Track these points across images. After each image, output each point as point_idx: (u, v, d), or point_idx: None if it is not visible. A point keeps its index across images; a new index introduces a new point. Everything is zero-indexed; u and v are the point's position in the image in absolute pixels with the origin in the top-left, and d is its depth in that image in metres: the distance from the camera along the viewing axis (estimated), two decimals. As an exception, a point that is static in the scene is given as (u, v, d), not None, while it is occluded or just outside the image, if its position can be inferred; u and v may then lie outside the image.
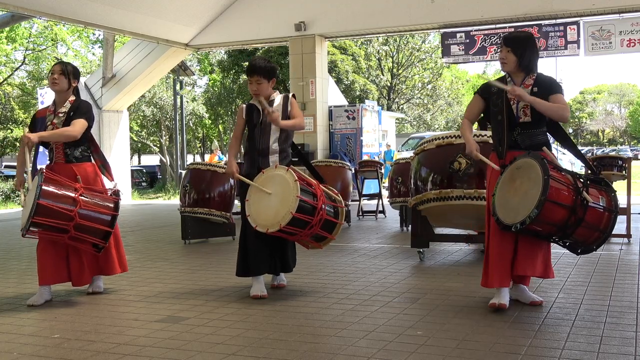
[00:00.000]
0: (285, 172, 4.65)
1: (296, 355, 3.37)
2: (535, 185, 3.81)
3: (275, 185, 4.63)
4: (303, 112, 15.17)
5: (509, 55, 4.24)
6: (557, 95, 4.19)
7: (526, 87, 4.21)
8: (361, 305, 4.50)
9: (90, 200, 4.76)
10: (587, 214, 3.84)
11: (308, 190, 4.65)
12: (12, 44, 27.65)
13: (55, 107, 5.03)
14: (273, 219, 4.53)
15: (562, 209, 3.81)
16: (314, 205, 4.61)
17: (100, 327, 4.07)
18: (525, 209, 3.83)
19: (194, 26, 16.05)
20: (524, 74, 4.26)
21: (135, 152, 41.43)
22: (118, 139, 17.78)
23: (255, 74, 4.89)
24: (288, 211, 4.47)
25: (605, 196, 3.99)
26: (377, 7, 14.51)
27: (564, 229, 3.87)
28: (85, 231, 4.71)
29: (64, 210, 4.57)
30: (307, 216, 4.57)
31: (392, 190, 9.16)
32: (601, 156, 8.08)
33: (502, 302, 4.15)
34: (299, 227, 4.59)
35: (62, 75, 4.99)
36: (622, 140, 62.24)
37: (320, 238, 4.91)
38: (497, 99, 4.30)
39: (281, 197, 4.57)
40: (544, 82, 4.23)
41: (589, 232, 3.93)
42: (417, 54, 38.65)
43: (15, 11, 13.58)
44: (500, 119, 4.27)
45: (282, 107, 4.95)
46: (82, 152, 5.02)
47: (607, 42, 13.31)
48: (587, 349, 3.35)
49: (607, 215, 3.95)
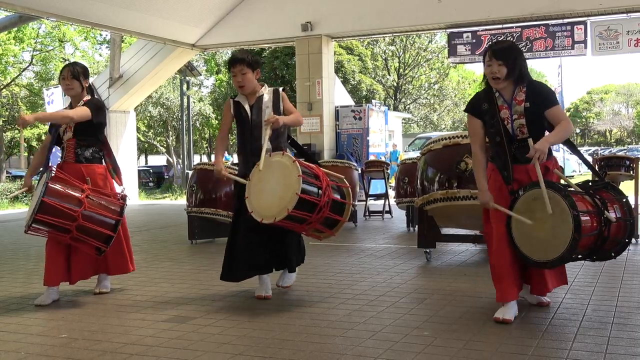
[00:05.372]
0: (281, 156, 4.43)
1: (302, 356, 3.37)
2: (562, 221, 3.68)
3: (273, 172, 4.39)
4: (310, 112, 15.27)
5: (501, 69, 3.96)
6: (553, 110, 3.97)
7: (519, 103, 3.98)
8: (368, 305, 4.49)
9: (95, 202, 4.75)
10: (611, 231, 3.80)
11: (309, 172, 4.41)
12: (20, 44, 27.74)
13: (71, 108, 5.06)
14: (279, 206, 4.26)
15: (591, 237, 3.77)
16: (318, 185, 4.35)
17: (107, 327, 4.08)
18: (556, 247, 3.73)
19: (201, 27, 16.08)
20: (514, 85, 4.02)
21: (142, 152, 41.53)
22: (125, 140, 17.82)
23: (238, 63, 4.63)
24: (293, 193, 4.20)
25: (618, 205, 3.93)
26: (384, 8, 14.50)
27: (593, 252, 3.87)
28: (88, 233, 4.68)
29: (67, 210, 4.56)
30: (314, 197, 4.30)
31: (399, 190, 9.14)
32: (608, 156, 8.04)
33: (507, 317, 3.94)
34: (307, 212, 4.31)
35: (73, 79, 4.99)
36: (629, 141, 61.95)
37: (332, 223, 4.62)
38: (491, 119, 4.04)
39: (283, 182, 4.31)
40: (537, 95, 3.98)
41: (610, 244, 3.90)
42: (424, 54, 38.62)
43: (22, 12, 13.63)
44: (499, 141, 4.03)
45: (273, 103, 4.70)
46: (92, 154, 5.01)
47: (615, 41, 13.26)
48: (595, 349, 3.34)
49: (624, 224, 3.91)
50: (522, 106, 3.97)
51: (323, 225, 4.57)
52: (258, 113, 4.67)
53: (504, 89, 4.03)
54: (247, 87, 4.66)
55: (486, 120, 4.08)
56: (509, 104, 4.02)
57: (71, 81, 4.99)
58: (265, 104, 4.67)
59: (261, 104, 4.68)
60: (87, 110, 4.89)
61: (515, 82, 4.01)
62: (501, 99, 4.04)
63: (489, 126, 4.07)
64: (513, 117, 4.00)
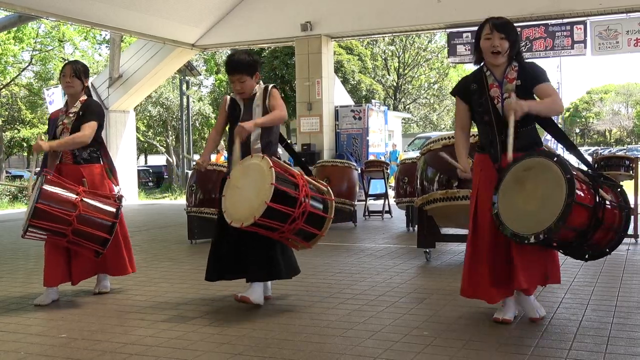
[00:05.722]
0: (260, 159, 4.19)
1: (302, 356, 3.37)
2: (556, 187, 3.38)
3: (251, 175, 4.19)
4: (309, 112, 15.27)
5: (503, 43, 3.73)
6: (543, 86, 3.73)
7: (510, 81, 3.76)
8: (367, 305, 4.49)
9: (90, 205, 4.69)
10: (605, 215, 3.49)
11: (288, 180, 4.18)
12: (20, 44, 27.73)
13: (67, 108, 5.03)
14: (248, 212, 4.06)
15: (585, 211, 3.43)
16: (294, 195, 4.12)
17: (107, 327, 4.08)
18: (549, 215, 3.39)
19: (201, 26, 16.08)
20: (507, 64, 3.79)
21: (142, 152, 41.51)
22: (125, 139, 17.82)
23: (237, 72, 4.47)
24: (262, 201, 3.99)
25: (612, 194, 3.62)
26: (384, 7, 14.50)
27: (585, 233, 3.49)
28: (84, 236, 4.63)
29: (62, 214, 4.51)
30: (287, 207, 4.07)
31: (398, 190, 9.14)
32: (608, 156, 8.04)
33: (507, 317, 3.85)
34: (278, 221, 4.09)
35: (74, 77, 4.96)
36: (629, 140, 61.97)
37: (309, 236, 4.39)
38: (480, 98, 3.82)
39: (255, 187, 4.12)
40: (527, 73, 3.77)
41: (604, 233, 3.56)
42: (424, 53, 38.66)
43: (22, 12, 13.63)
44: (487, 120, 3.80)
45: (262, 100, 4.54)
46: (90, 154, 4.99)
47: (614, 41, 13.27)
48: (594, 349, 3.34)
49: (619, 213, 3.59)
50: (513, 84, 3.75)
51: (298, 236, 4.34)
52: (249, 111, 4.55)
53: (496, 67, 3.81)
54: (246, 94, 4.55)
55: (474, 100, 3.86)
56: (500, 83, 3.79)
57: (72, 79, 4.96)
58: (255, 102, 4.55)
59: (252, 103, 4.58)
60: (94, 124, 4.89)
61: (509, 61, 3.80)
62: (492, 77, 3.82)
63: (477, 106, 3.85)
64: (504, 96, 3.76)
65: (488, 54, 3.78)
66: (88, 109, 4.95)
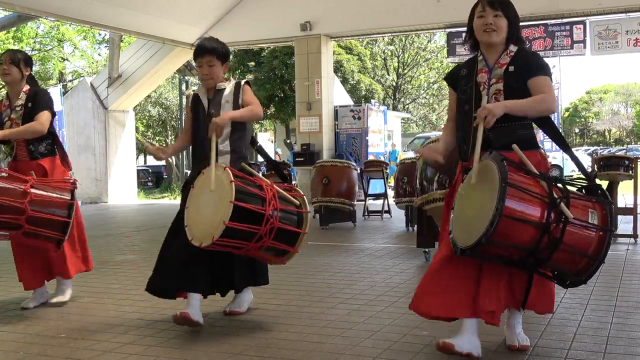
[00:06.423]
0: (222, 171, 3.73)
1: (302, 356, 3.37)
2: (492, 194, 2.87)
3: (211, 187, 3.74)
4: (309, 112, 15.26)
5: (499, 21, 3.26)
6: (537, 79, 3.19)
7: (501, 66, 3.27)
8: (367, 305, 4.49)
9: (42, 192, 4.39)
10: (565, 234, 2.87)
11: (253, 194, 3.75)
12: (19, 43, 27.73)
13: (10, 101, 4.73)
14: (207, 230, 3.63)
15: (528, 227, 2.87)
16: (260, 211, 3.70)
17: (107, 327, 4.08)
18: (478, 227, 2.89)
19: (200, 26, 16.07)
20: (503, 49, 3.31)
21: (141, 152, 41.49)
22: (124, 139, 17.81)
23: (206, 53, 4.12)
24: (221, 221, 3.55)
25: (598, 209, 3.01)
26: (383, 7, 14.49)
27: (534, 252, 2.90)
28: (40, 224, 4.31)
29: (12, 204, 4.22)
30: (251, 225, 3.64)
31: (398, 190, 9.14)
32: (608, 156, 8.04)
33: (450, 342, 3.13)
34: (241, 240, 3.67)
35: (12, 64, 4.64)
36: (628, 140, 61.97)
37: (280, 252, 3.98)
38: (466, 84, 3.35)
39: (214, 204, 3.68)
40: (525, 60, 3.27)
41: (572, 257, 2.96)
42: (423, 53, 38.65)
43: (21, 11, 13.62)
44: (467, 109, 3.30)
45: (233, 96, 4.11)
46: (46, 147, 4.72)
47: (614, 41, 13.26)
48: (594, 349, 3.34)
49: (599, 235, 2.96)
50: (502, 69, 3.26)
51: (268, 252, 3.93)
52: (217, 108, 4.10)
53: (491, 50, 3.32)
54: (213, 81, 4.14)
55: (460, 87, 3.41)
56: (490, 68, 3.31)
57: (9, 66, 4.64)
58: (225, 97, 4.12)
59: (220, 99, 4.13)
60: (48, 114, 4.63)
61: (507, 45, 3.32)
62: (483, 62, 3.34)
63: (461, 92, 3.39)
64: (491, 82, 3.28)
65: (480, 32, 3.30)
66: (36, 99, 4.65)
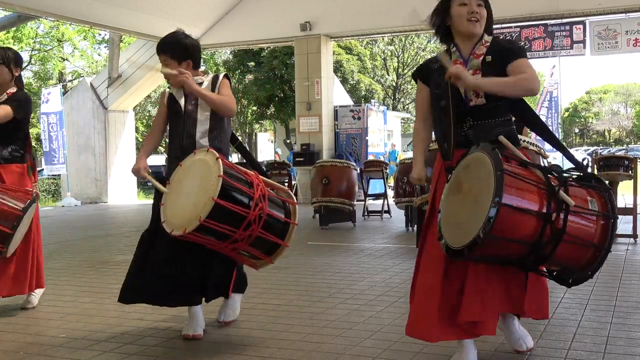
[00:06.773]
0: (205, 153, 3.53)
1: (301, 355, 3.37)
2: (487, 186, 2.63)
3: (194, 173, 3.51)
4: (308, 112, 15.27)
5: (482, 11, 3.10)
6: (517, 62, 2.99)
7: (477, 57, 3.08)
8: (367, 305, 4.49)
9: None
10: (568, 224, 2.66)
11: (240, 176, 3.49)
12: (19, 43, 27.75)
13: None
14: (191, 213, 3.32)
15: (530, 218, 2.64)
16: (249, 194, 3.42)
17: (106, 327, 4.08)
18: (475, 224, 2.64)
19: (200, 26, 16.08)
20: (477, 39, 3.13)
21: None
22: (124, 139, 17.82)
23: (160, 52, 3.84)
24: (209, 197, 3.26)
25: (597, 197, 2.82)
26: (383, 7, 14.49)
27: (537, 247, 2.67)
28: None
29: None
30: (239, 207, 3.34)
31: (398, 190, 9.14)
32: (607, 156, 8.04)
33: None
34: (229, 225, 3.33)
35: (2, 64, 4.43)
36: (628, 140, 61.98)
37: (270, 247, 3.60)
38: (439, 77, 3.10)
39: (200, 184, 3.41)
40: (500, 47, 3.09)
41: (577, 250, 2.75)
42: (423, 53, 38.65)
43: (21, 12, 13.63)
44: (444, 105, 3.08)
45: (211, 89, 3.85)
46: (11, 153, 4.47)
47: (614, 41, 13.27)
48: (593, 349, 3.34)
49: (602, 224, 2.77)
50: (479, 60, 3.07)
51: (255, 247, 3.55)
52: (192, 103, 3.86)
53: (466, 41, 3.14)
54: (174, 83, 3.87)
55: (432, 81, 3.17)
56: (466, 60, 3.11)
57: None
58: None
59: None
60: (8, 108, 4.34)
61: (480, 36, 3.14)
62: (457, 53, 3.14)
63: (434, 87, 3.14)
64: None
65: (463, 22, 3.09)
66: (11, 100, 4.41)
